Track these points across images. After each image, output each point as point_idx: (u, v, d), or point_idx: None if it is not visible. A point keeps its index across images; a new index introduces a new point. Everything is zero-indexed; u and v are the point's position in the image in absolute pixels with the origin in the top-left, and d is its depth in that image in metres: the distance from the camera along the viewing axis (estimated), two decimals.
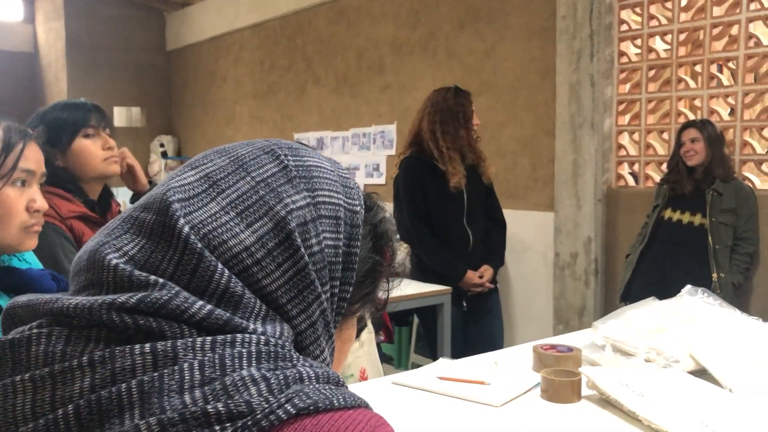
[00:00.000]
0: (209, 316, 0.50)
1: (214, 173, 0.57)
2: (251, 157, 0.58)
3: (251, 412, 0.46)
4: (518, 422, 1.30)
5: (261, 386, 0.47)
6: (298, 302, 0.54)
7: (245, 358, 0.49)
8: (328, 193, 0.59)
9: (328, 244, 0.57)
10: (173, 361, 0.47)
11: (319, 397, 0.48)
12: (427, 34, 4.62)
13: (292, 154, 0.59)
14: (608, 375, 1.40)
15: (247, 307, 0.52)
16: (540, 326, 3.87)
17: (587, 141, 3.67)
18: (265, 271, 0.53)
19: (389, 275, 0.66)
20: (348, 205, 0.60)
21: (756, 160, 3.24)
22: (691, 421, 1.18)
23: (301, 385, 0.49)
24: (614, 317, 1.72)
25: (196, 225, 0.53)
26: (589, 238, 3.69)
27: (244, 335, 0.50)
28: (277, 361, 0.50)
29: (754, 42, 3.21)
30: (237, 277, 0.52)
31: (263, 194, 0.55)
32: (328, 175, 0.60)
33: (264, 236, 0.53)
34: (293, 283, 0.54)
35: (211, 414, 0.45)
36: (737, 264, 2.95)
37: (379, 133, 5.08)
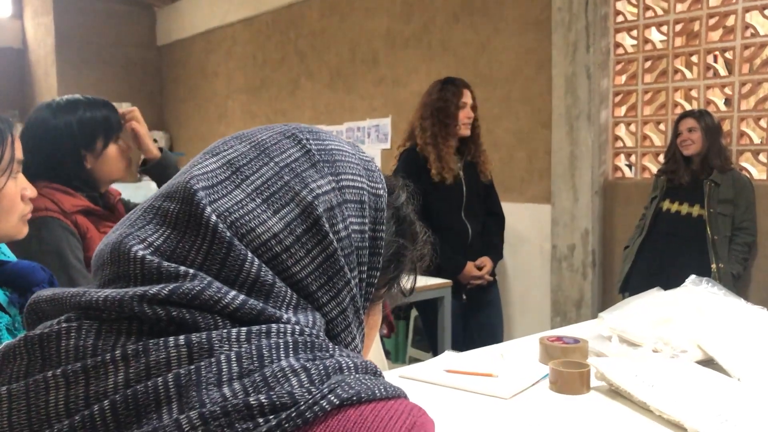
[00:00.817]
0: (243, 306, 0.49)
1: (236, 159, 0.55)
2: (273, 142, 0.57)
3: (295, 404, 0.45)
4: (528, 414, 1.29)
5: (302, 377, 0.46)
6: (329, 289, 0.53)
7: (282, 348, 0.48)
8: (352, 177, 0.58)
9: (355, 229, 0.56)
10: (209, 353, 0.46)
11: (361, 387, 0.48)
12: (421, 26, 4.60)
13: (314, 138, 0.58)
14: (617, 366, 1.39)
15: (279, 295, 0.51)
16: (538, 319, 3.87)
17: (584, 133, 3.66)
18: (295, 258, 0.52)
19: (414, 259, 0.65)
20: (371, 188, 0.59)
21: (753, 150, 3.24)
22: (702, 411, 1.18)
23: (341, 375, 0.48)
24: (620, 308, 1.71)
25: (223, 213, 0.51)
26: (587, 230, 3.69)
27: (279, 325, 0.49)
28: (314, 351, 0.49)
29: (751, 32, 3.21)
30: (266, 265, 0.51)
31: (288, 180, 0.54)
32: (351, 159, 0.59)
33: (292, 222, 0.52)
34: (323, 269, 0.53)
35: (254, 406, 0.44)
36: (736, 254, 2.96)
37: (374, 127, 5.07)
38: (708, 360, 1.50)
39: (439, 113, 2.97)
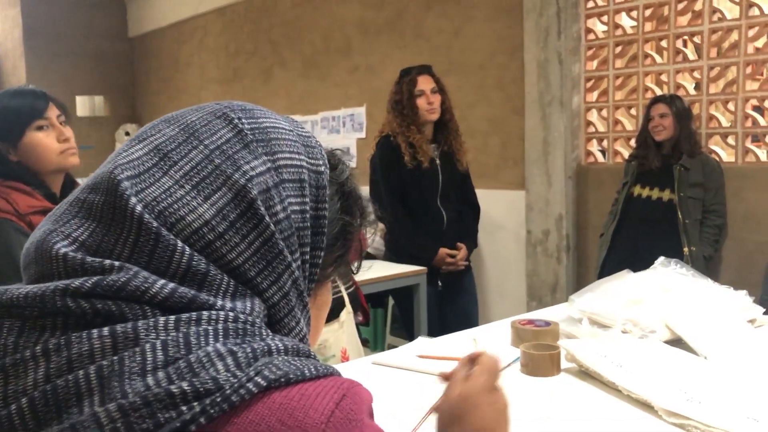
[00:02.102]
0: (172, 295, 0.47)
1: (163, 144, 0.53)
2: (202, 124, 0.55)
3: (219, 388, 0.44)
4: None
5: (228, 361, 0.45)
6: (268, 274, 0.52)
7: (211, 335, 0.46)
8: (288, 155, 0.55)
9: (294, 209, 0.54)
10: (134, 342, 0.45)
11: (290, 368, 0.46)
12: (394, 14, 4.59)
13: (246, 117, 0.56)
14: (587, 347, 1.41)
15: (213, 283, 0.49)
16: (514, 303, 3.90)
17: (556, 119, 3.69)
18: (230, 244, 0.50)
19: (361, 235, 0.64)
20: (311, 165, 0.57)
21: (721, 133, 3.29)
22: (669, 388, 1.20)
23: (269, 357, 0.47)
24: (590, 290, 1.73)
25: (150, 202, 0.50)
26: (560, 215, 3.72)
27: (211, 312, 0.48)
28: (245, 337, 0.48)
29: (718, 17, 3.24)
30: (200, 253, 0.49)
31: (219, 163, 0.52)
32: (287, 136, 0.57)
33: (224, 208, 0.51)
34: (261, 254, 0.51)
35: (176, 394, 0.43)
36: (707, 237, 3.00)
37: (349, 116, 5.05)
38: (676, 339, 1.52)
39: (398, 106, 3.01)
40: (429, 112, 2.99)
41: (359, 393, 0.48)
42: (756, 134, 3.21)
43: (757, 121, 3.18)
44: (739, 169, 3.15)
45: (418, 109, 2.97)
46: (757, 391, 1.20)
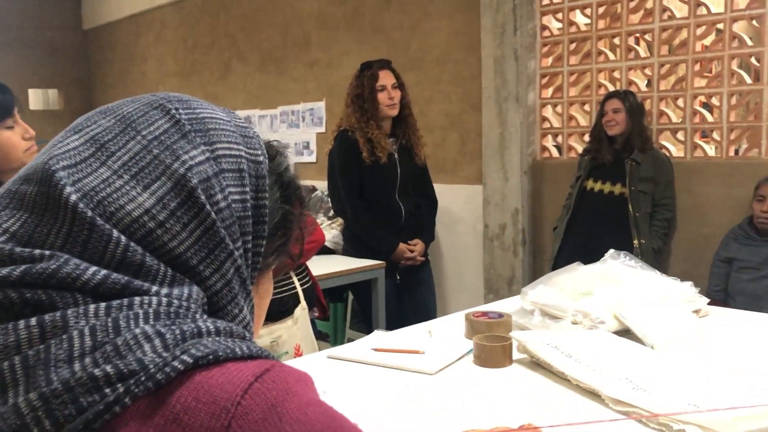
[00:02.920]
0: (105, 281, 0.47)
1: (100, 135, 0.53)
2: (139, 115, 0.55)
3: (143, 369, 0.43)
4: (453, 388, 1.32)
5: (155, 342, 0.45)
6: (210, 262, 0.52)
7: (141, 318, 0.46)
8: (227, 145, 0.56)
9: (235, 198, 0.54)
10: (63, 330, 0.44)
11: (219, 347, 0.46)
12: (352, 9, 4.58)
13: (183, 107, 0.56)
14: (538, 338, 1.44)
15: (150, 272, 0.49)
16: (471, 296, 3.95)
17: (513, 114, 3.74)
18: (171, 233, 0.50)
19: (301, 224, 0.65)
20: (250, 155, 0.57)
21: (671, 128, 3.37)
22: (616, 377, 1.23)
23: (198, 338, 0.46)
24: (542, 283, 1.77)
25: (88, 192, 0.49)
26: (517, 209, 3.77)
27: (144, 297, 0.47)
28: (176, 319, 0.47)
29: (668, 15, 3.32)
30: (141, 242, 0.49)
31: (157, 153, 0.52)
32: (225, 126, 0.57)
33: (164, 197, 0.50)
34: (202, 242, 0.51)
35: (99, 377, 0.42)
36: (656, 230, 3.08)
37: (308, 111, 5.03)
38: (624, 330, 1.57)
39: (358, 100, 3.01)
40: (390, 107, 3.00)
41: (288, 369, 0.48)
42: (704, 130, 3.31)
43: (705, 117, 3.27)
44: (687, 163, 3.24)
45: (378, 104, 2.98)
46: (701, 378, 1.24)
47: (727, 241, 2.93)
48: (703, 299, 1.81)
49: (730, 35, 3.12)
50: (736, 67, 3.15)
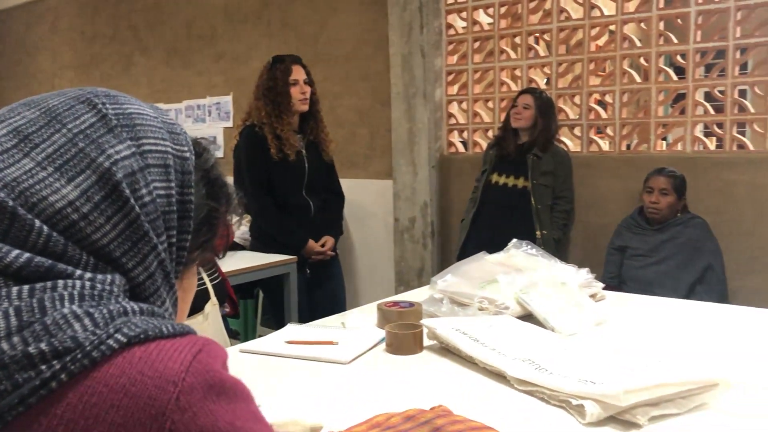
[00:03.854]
0: (28, 264, 0.48)
1: (24, 127, 0.53)
2: (65, 108, 0.55)
3: (79, 346, 0.45)
4: (367, 376, 1.36)
5: (85, 321, 0.46)
6: (134, 255, 0.53)
7: (66, 299, 0.47)
8: (153, 140, 0.57)
9: (160, 193, 0.56)
10: None
11: (148, 326, 0.48)
12: (260, 3, 4.54)
13: (111, 102, 0.57)
14: (446, 324, 1.50)
15: (72, 260, 0.50)
16: (383, 289, 4.01)
17: (420, 110, 3.81)
18: (94, 225, 0.51)
19: (226, 221, 0.66)
20: (176, 152, 0.58)
21: (569, 125, 3.54)
22: (520, 359, 1.30)
23: (126, 317, 0.48)
24: (450, 272, 1.84)
25: (9, 183, 0.50)
26: (426, 203, 3.86)
27: (67, 281, 0.48)
28: (101, 300, 0.49)
29: (565, 16, 3.49)
30: (63, 233, 0.50)
31: (83, 146, 0.53)
32: (152, 122, 0.58)
33: (89, 189, 0.51)
34: (126, 235, 0.53)
35: (34, 355, 0.44)
36: (557, 221, 3.23)
37: (215, 105, 4.95)
38: (527, 314, 1.65)
39: (270, 93, 2.99)
40: (302, 101, 3.00)
41: (214, 348, 0.51)
42: (599, 126, 3.50)
43: (600, 114, 3.46)
44: (584, 158, 3.42)
45: (291, 98, 2.97)
46: (597, 357, 1.33)
47: (620, 230, 3.11)
48: (599, 284, 1.93)
49: (621, 36, 3.31)
50: (627, 67, 3.35)
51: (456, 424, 0.96)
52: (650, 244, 2.95)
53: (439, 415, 1.00)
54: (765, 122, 3.01)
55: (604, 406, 1.09)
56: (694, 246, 2.88)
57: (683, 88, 3.20)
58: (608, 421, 1.09)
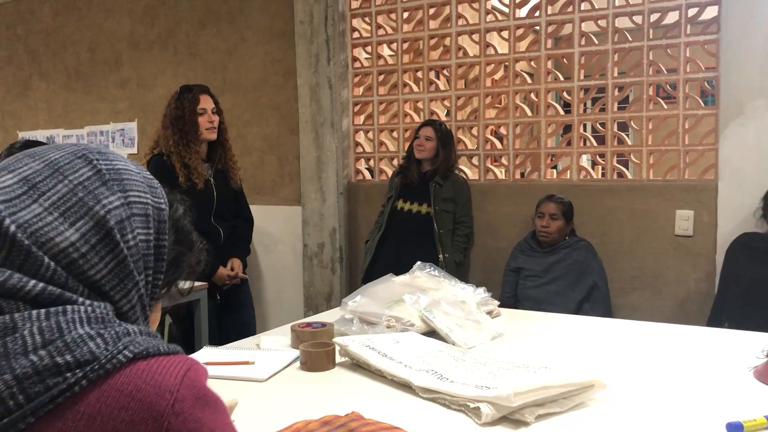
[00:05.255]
0: (43, 292, 0.59)
1: (31, 176, 0.63)
2: (66, 162, 0.65)
3: (96, 359, 0.56)
4: (283, 392, 1.45)
5: (98, 341, 0.58)
6: (120, 289, 0.64)
7: (77, 321, 0.58)
8: (137, 193, 0.68)
9: (141, 239, 0.67)
10: (13, 330, 0.56)
11: (149, 344, 0.60)
12: (166, 30, 4.56)
13: (103, 159, 0.68)
14: (357, 342, 1.61)
15: (73, 291, 0.61)
16: (291, 314, 4.07)
17: (328, 139, 3.95)
18: (90, 263, 0.62)
19: (191, 263, 0.78)
20: (155, 203, 0.70)
21: (468, 154, 3.77)
22: (423, 370, 1.43)
23: (130, 337, 0.60)
24: (359, 293, 1.96)
25: (23, 224, 0.60)
26: (334, 229, 3.98)
27: (74, 306, 0.60)
28: (105, 323, 0.60)
29: (463, 53, 3.73)
30: (65, 268, 0.61)
31: (82, 196, 0.64)
32: (136, 177, 0.70)
33: (87, 233, 0.62)
34: (115, 273, 0.63)
35: (61, 364, 0.55)
36: (457, 245, 3.42)
37: (119, 131, 4.89)
38: (431, 330, 1.79)
39: (178, 122, 3.02)
40: (209, 131, 3.05)
41: (199, 367, 0.63)
42: (495, 156, 3.74)
43: (495, 145, 3.70)
44: (482, 185, 3.64)
45: (198, 127, 3.02)
46: (492, 366, 1.48)
47: (515, 253, 3.34)
48: (495, 302, 2.11)
49: (514, 73, 3.58)
50: (519, 101, 3.61)
51: (368, 425, 1.07)
52: (542, 266, 3.18)
53: (352, 419, 1.11)
54: (641, 153, 3.33)
55: (497, 408, 1.23)
56: (581, 267, 3.13)
57: (569, 122, 3.50)
58: (501, 421, 1.23)
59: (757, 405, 1.29)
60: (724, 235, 3.03)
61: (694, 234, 3.15)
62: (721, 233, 3.06)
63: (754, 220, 2.90)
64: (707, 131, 3.18)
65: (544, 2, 3.47)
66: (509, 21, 3.57)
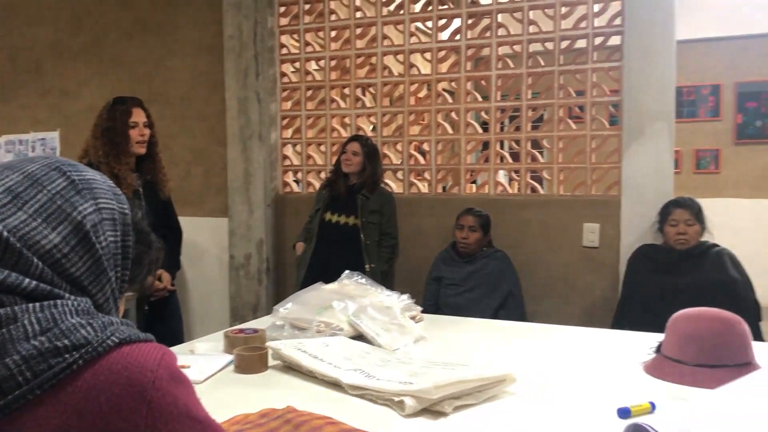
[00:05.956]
0: (36, 288, 0.69)
1: (14, 187, 0.73)
2: (42, 173, 0.75)
3: (89, 343, 0.67)
4: (219, 393, 1.53)
5: (88, 329, 0.68)
6: (96, 284, 0.74)
7: (68, 313, 0.69)
8: (105, 200, 0.78)
9: (111, 240, 0.77)
10: (14, 320, 0.66)
11: (131, 332, 0.71)
12: (91, 40, 4.52)
13: (74, 170, 0.78)
14: (289, 345, 1.71)
15: (58, 287, 0.71)
16: (218, 325, 4.09)
17: (256, 152, 4.02)
18: (71, 261, 0.72)
19: (150, 261, 0.88)
20: (120, 209, 0.80)
21: (393, 169, 3.93)
22: (351, 369, 1.55)
23: (115, 326, 0.71)
24: (290, 301, 2.06)
25: (12, 229, 0.70)
26: (261, 240, 4.05)
27: (63, 300, 0.70)
28: (90, 315, 0.71)
29: (388, 72, 3.89)
30: (51, 267, 0.70)
31: (60, 204, 0.73)
32: (103, 186, 0.80)
33: (67, 236, 0.72)
34: (92, 270, 0.74)
35: (61, 347, 0.65)
36: (383, 255, 3.55)
37: (39, 141, 4.79)
38: (358, 335, 1.91)
39: (109, 133, 3.02)
40: (140, 144, 3.07)
41: (171, 353, 0.73)
42: (419, 170, 3.91)
43: (419, 160, 3.88)
44: (406, 198, 3.80)
45: (129, 140, 3.03)
46: (416, 364, 1.61)
47: (436, 262, 3.50)
48: (418, 308, 2.25)
49: (436, 93, 3.77)
50: (441, 120, 3.80)
51: (303, 416, 1.18)
52: (461, 275, 3.36)
53: (288, 411, 1.22)
54: (552, 170, 3.57)
55: (419, 400, 1.36)
56: (497, 276, 3.32)
57: (487, 139, 3.71)
58: (422, 413, 1.36)
59: (644, 393, 1.47)
60: (626, 247, 3.30)
61: (599, 245, 3.41)
62: (624, 245, 3.32)
63: (652, 233, 3.17)
64: (612, 150, 3.45)
65: (464, 27, 3.68)
66: (432, 43, 3.76)
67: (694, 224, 2.99)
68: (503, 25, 3.62)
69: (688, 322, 1.63)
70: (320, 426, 1.14)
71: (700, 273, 2.91)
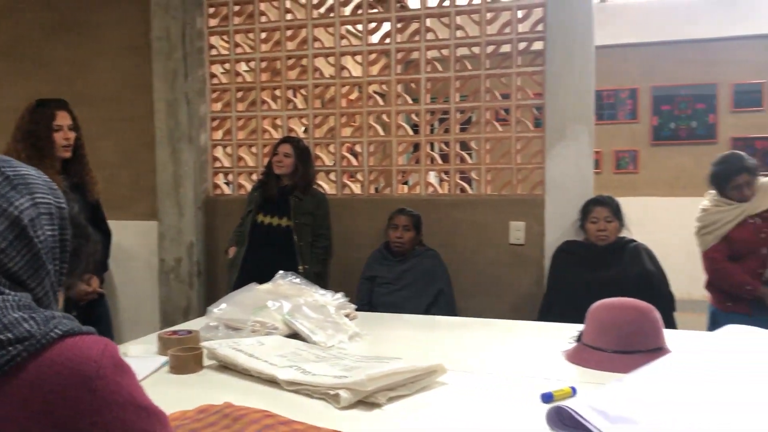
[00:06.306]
0: None
1: None
2: None
3: (32, 336, 0.68)
4: (155, 394, 1.50)
5: (31, 322, 0.69)
6: (35, 278, 0.75)
7: (9, 308, 0.70)
8: (42, 195, 0.79)
9: (49, 233, 0.78)
10: None
11: (73, 325, 0.72)
12: (10, 39, 4.36)
13: (8, 166, 0.78)
14: (224, 344, 1.73)
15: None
16: (148, 329, 4.01)
17: (186, 154, 3.98)
18: (9, 256, 0.73)
19: (88, 253, 0.90)
20: (57, 203, 0.81)
21: (325, 170, 3.96)
22: (287, 366, 1.58)
23: (57, 320, 0.72)
24: (225, 301, 2.07)
25: None
26: (192, 243, 4.00)
27: (4, 296, 0.71)
28: (32, 309, 0.72)
29: (319, 73, 3.92)
30: None
31: None
32: (38, 181, 0.80)
33: (4, 231, 0.73)
34: (30, 264, 0.75)
35: (4, 341, 0.66)
36: (316, 256, 3.57)
37: None
38: (293, 333, 1.94)
39: (31, 137, 2.94)
40: (64, 148, 2.99)
41: (113, 344, 0.75)
42: (351, 172, 3.95)
43: (351, 161, 3.92)
44: (339, 199, 3.84)
45: (54, 144, 2.95)
46: (352, 359, 1.65)
47: (370, 262, 3.55)
48: (352, 306, 2.29)
49: (367, 95, 3.82)
50: (372, 122, 3.86)
51: (241, 410, 1.21)
52: (395, 273, 3.42)
53: (227, 406, 1.24)
54: (480, 171, 3.68)
55: (354, 393, 1.40)
56: (429, 274, 3.40)
57: (418, 141, 3.79)
58: (357, 404, 1.40)
59: (565, 379, 1.56)
60: (550, 243, 3.44)
61: (525, 243, 3.54)
62: (548, 241, 3.46)
63: (574, 230, 3.32)
64: (536, 152, 3.59)
65: (393, 30, 3.75)
66: (362, 46, 3.82)
67: (613, 221, 3.14)
68: (431, 30, 3.71)
69: (605, 312, 1.74)
70: (258, 419, 1.17)
71: (619, 267, 3.07)
